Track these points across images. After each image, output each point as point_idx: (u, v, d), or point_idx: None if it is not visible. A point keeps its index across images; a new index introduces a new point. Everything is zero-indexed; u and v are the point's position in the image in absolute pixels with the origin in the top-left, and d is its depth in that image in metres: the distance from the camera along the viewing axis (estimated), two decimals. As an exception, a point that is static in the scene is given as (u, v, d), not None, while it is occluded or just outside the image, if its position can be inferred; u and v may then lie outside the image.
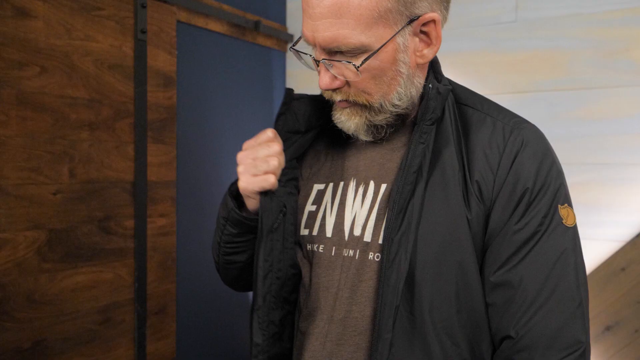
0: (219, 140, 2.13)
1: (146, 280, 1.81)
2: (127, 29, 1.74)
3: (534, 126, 0.87)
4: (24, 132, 1.47)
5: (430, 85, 0.83)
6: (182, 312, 1.98)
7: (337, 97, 0.85)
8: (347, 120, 0.87)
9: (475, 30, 2.09)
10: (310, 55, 0.84)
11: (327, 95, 0.86)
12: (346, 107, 0.86)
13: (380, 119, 0.85)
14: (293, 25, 2.52)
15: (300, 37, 0.83)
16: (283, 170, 0.90)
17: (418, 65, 0.83)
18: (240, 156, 0.88)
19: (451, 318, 0.81)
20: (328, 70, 0.82)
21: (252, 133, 0.93)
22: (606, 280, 1.80)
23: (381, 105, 0.84)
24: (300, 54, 0.87)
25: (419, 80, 0.85)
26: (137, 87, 1.76)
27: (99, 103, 1.66)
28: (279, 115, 0.92)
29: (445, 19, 0.84)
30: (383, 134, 0.88)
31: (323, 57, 0.81)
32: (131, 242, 1.77)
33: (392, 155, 0.88)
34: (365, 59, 0.78)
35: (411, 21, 0.79)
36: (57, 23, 1.54)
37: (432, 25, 0.80)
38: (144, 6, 1.76)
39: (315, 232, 0.89)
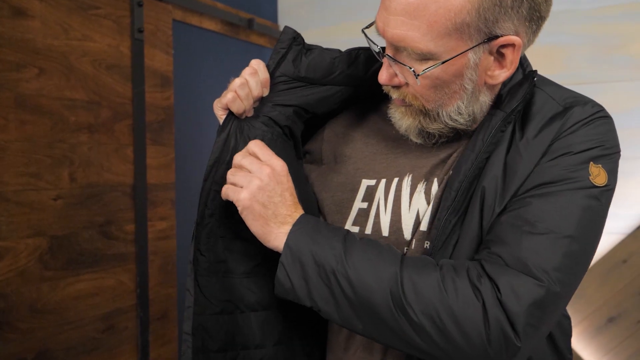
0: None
1: (148, 286, 1.77)
2: (124, 28, 1.69)
3: (596, 103, 0.84)
4: (23, 136, 1.42)
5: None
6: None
7: (394, 95, 0.83)
8: (399, 119, 0.84)
9: (471, 27, 2.09)
10: (377, 46, 0.80)
11: (385, 89, 0.84)
12: (401, 106, 0.84)
13: (434, 127, 0.82)
14: (284, 22, 2.49)
15: (373, 22, 0.79)
16: (275, 111, 0.89)
17: (486, 84, 0.79)
18: None
19: None
20: (391, 66, 0.79)
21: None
22: (608, 272, 1.83)
23: (438, 114, 0.81)
24: (369, 40, 0.83)
25: (485, 98, 0.81)
26: (135, 88, 1.72)
27: (98, 105, 1.61)
28: (276, 55, 0.89)
29: (530, 42, 0.79)
30: (434, 141, 0.85)
31: (389, 51, 0.78)
32: (132, 246, 1.73)
33: (457, 153, 0.85)
34: (428, 68, 0.75)
35: (489, 39, 0.74)
36: (54, 23, 1.49)
37: (510, 48, 0.75)
38: (140, 4, 1.72)
39: (368, 231, 0.86)
